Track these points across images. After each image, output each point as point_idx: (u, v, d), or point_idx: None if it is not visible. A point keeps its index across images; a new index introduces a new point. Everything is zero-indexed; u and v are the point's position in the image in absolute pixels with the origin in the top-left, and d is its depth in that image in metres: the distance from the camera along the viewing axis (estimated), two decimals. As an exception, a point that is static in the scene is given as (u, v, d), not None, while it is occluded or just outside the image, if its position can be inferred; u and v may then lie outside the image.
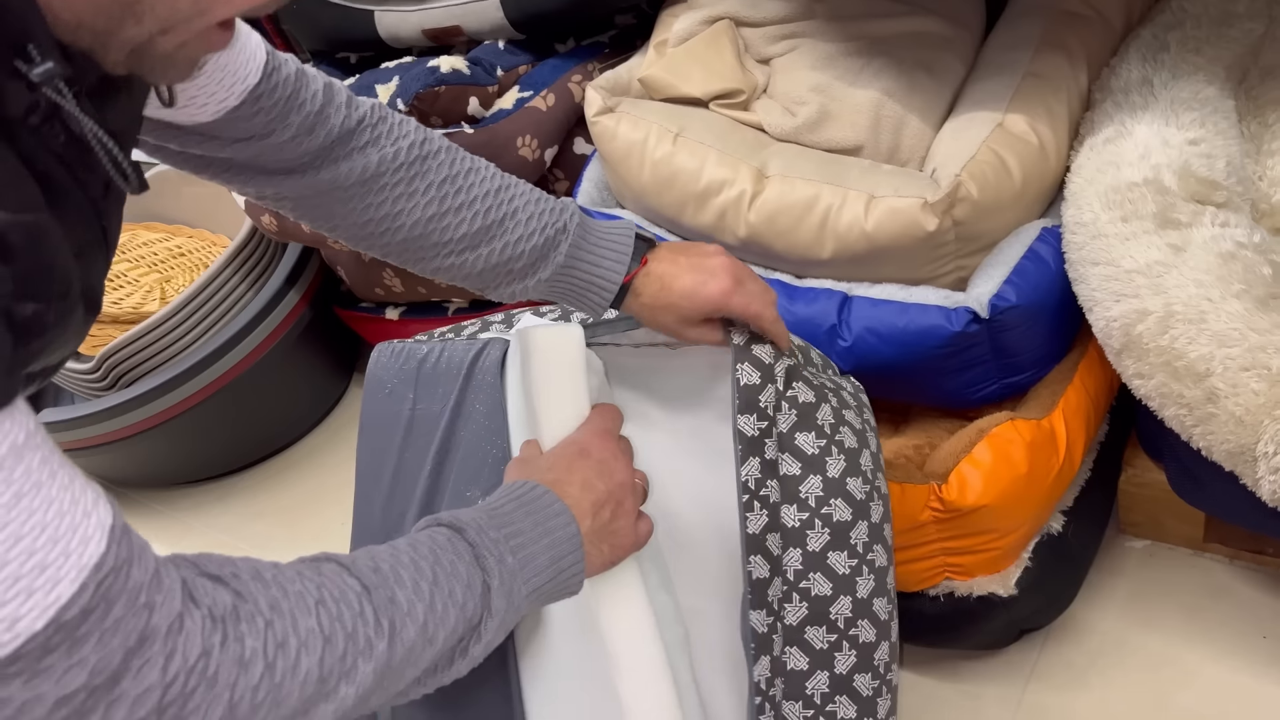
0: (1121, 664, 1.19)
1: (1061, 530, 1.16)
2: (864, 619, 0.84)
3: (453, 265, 0.82)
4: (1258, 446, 0.92)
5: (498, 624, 0.64)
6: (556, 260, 0.82)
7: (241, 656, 0.51)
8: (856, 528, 0.84)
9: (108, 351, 1.67)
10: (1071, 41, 1.18)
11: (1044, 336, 1.12)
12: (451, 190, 0.80)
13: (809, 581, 0.83)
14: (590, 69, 1.52)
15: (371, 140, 0.78)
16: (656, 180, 1.22)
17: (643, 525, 0.77)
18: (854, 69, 1.24)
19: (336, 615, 0.56)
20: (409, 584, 0.60)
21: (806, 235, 1.13)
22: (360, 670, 0.56)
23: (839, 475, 0.84)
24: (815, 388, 0.86)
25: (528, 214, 0.81)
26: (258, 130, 0.72)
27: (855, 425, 0.88)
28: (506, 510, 0.68)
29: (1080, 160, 1.11)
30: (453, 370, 0.95)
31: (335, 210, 0.79)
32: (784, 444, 0.83)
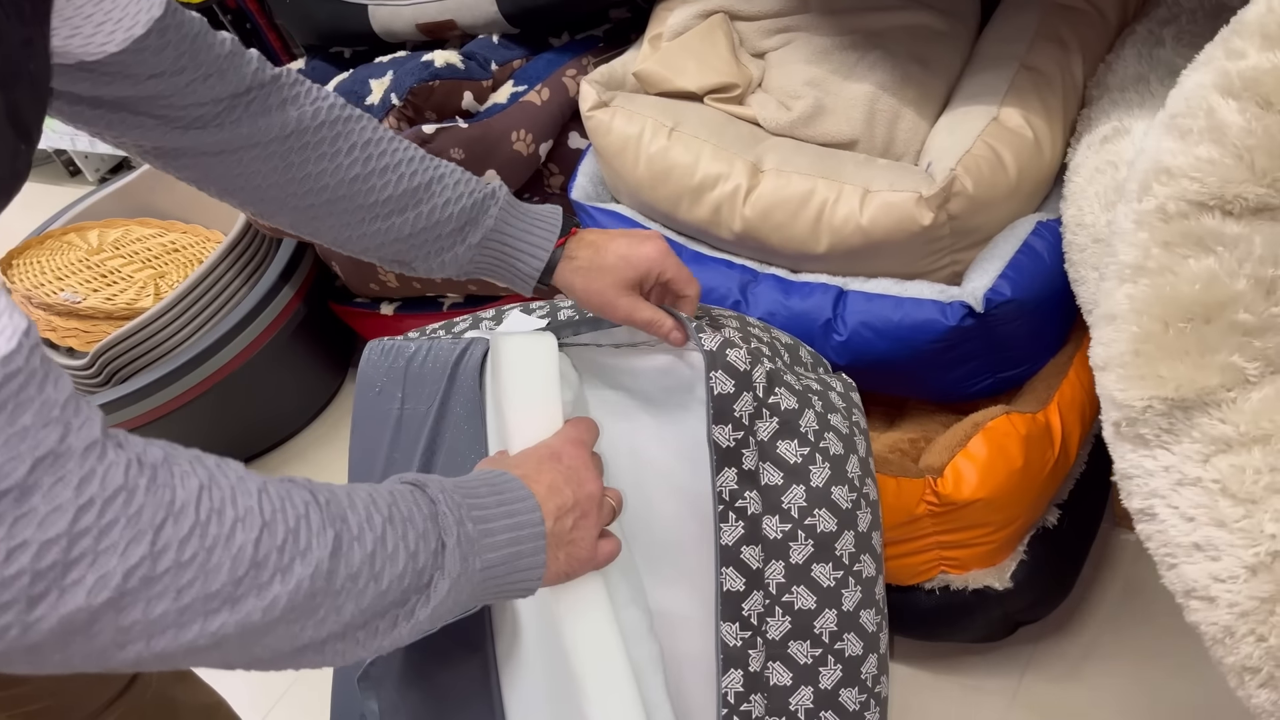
0: (1116, 656, 1.19)
1: (1057, 523, 1.16)
2: (850, 632, 0.82)
3: (379, 231, 0.80)
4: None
5: (448, 590, 0.60)
6: (486, 224, 0.81)
7: (171, 503, 0.48)
8: (842, 538, 0.81)
9: (102, 347, 1.67)
10: (1067, 35, 1.18)
11: (1039, 330, 1.12)
12: (375, 152, 0.79)
13: (792, 595, 0.80)
14: (585, 63, 1.52)
15: (290, 98, 0.78)
16: (651, 175, 1.22)
17: (605, 545, 0.73)
18: (849, 63, 1.24)
19: (279, 507, 0.53)
20: (362, 511, 0.57)
21: (802, 229, 1.13)
22: (296, 572, 0.52)
23: (823, 484, 0.81)
24: (799, 393, 0.83)
25: (454, 179, 0.81)
26: (167, 66, 0.72)
27: (842, 430, 0.84)
28: (471, 485, 0.66)
29: (1078, 159, 1.11)
30: (439, 370, 0.93)
31: (255, 170, 0.77)
32: (765, 453, 0.80)
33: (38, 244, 1.92)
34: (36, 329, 0.47)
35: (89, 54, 0.68)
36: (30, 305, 1.77)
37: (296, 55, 1.88)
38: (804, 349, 0.95)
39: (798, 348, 0.94)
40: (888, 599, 1.17)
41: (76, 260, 1.86)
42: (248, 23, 1.97)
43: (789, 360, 0.90)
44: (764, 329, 0.91)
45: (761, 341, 0.88)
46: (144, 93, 0.72)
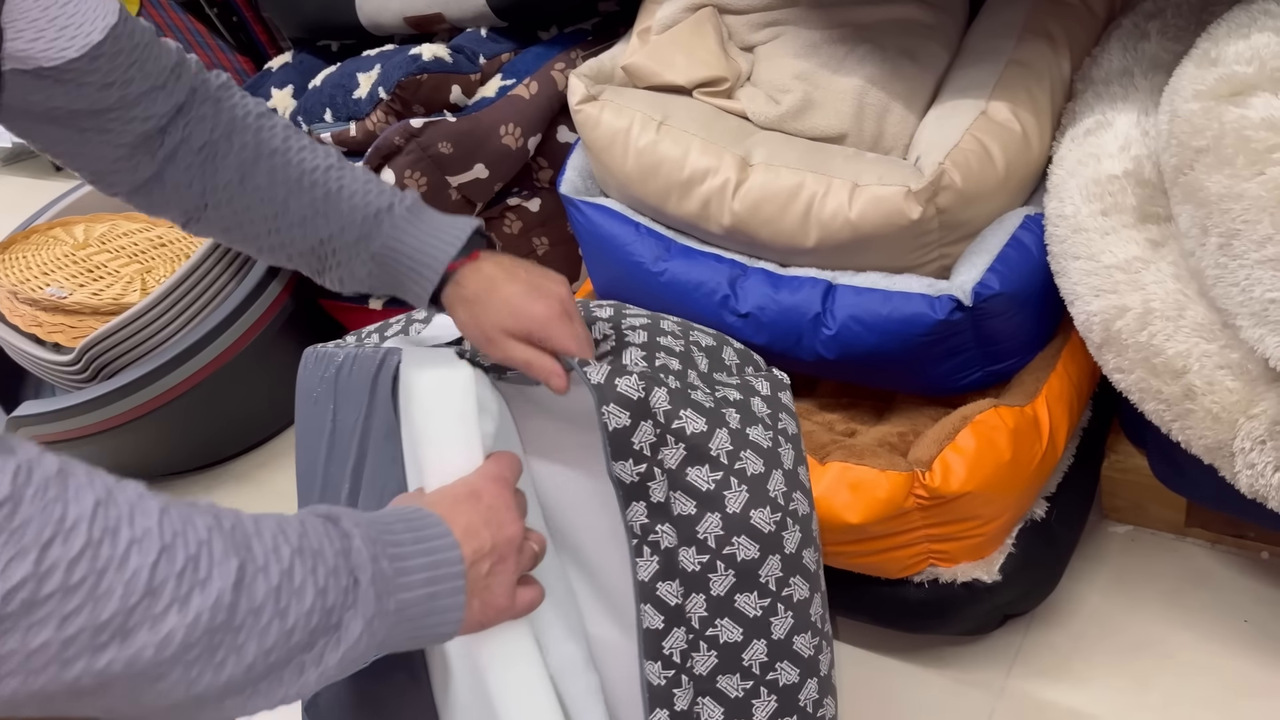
0: (1104, 648, 1.20)
1: (1045, 516, 1.17)
2: (783, 661, 0.77)
3: (280, 243, 0.79)
4: (1234, 443, 0.93)
5: (360, 631, 0.56)
6: (380, 238, 0.77)
7: (61, 519, 0.44)
8: (766, 564, 0.76)
9: (88, 343, 1.66)
10: (1054, 29, 1.18)
11: (1027, 324, 1.12)
12: (281, 162, 0.78)
13: (716, 628, 0.76)
14: (573, 56, 1.52)
15: (213, 99, 0.78)
16: (640, 169, 1.22)
17: (524, 594, 0.68)
18: (838, 56, 1.24)
19: (180, 530, 0.49)
20: (269, 541, 0.53)
21: (791, 224, 1.13)
22: (194, 604, 0.48)
23: (741, 509, 0.75)
24: (709, 411, 0.77)
25: (352, 191, 0.78)
26: (119, 75, 0.72)
27: (763, 444, 0.78)
28: (386, 520, 0.61)
29: (1062, 151, 1.11)
30: (362, 381, 0.87)
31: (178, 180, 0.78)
32: (675, 482, 0.75)
33: (23, 239, 1.91)
34: None
35: (49, 59, 0.69)
36: (16, 301, 1.76)
37: (284, 48, 1.87)
38: (729, 347, 0.88)
39: (720, 348, 0.87)
40: (876, 593, 1.18)
41: (62, 255, 1.85)
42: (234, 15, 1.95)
43: (707, 367, 0.84)
44: (682, 331, 0.86)
45: (671, 353, 0.82)
46: (94, 104, 0.73)
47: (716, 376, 0.83)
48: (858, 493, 1.06)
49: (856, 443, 1.14)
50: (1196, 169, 0.92)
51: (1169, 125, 0.98)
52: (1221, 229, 0.89)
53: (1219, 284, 0.91)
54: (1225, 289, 0.90)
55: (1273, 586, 1.20)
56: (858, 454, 1.09)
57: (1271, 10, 0.97)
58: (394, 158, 1.44)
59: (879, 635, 1.26)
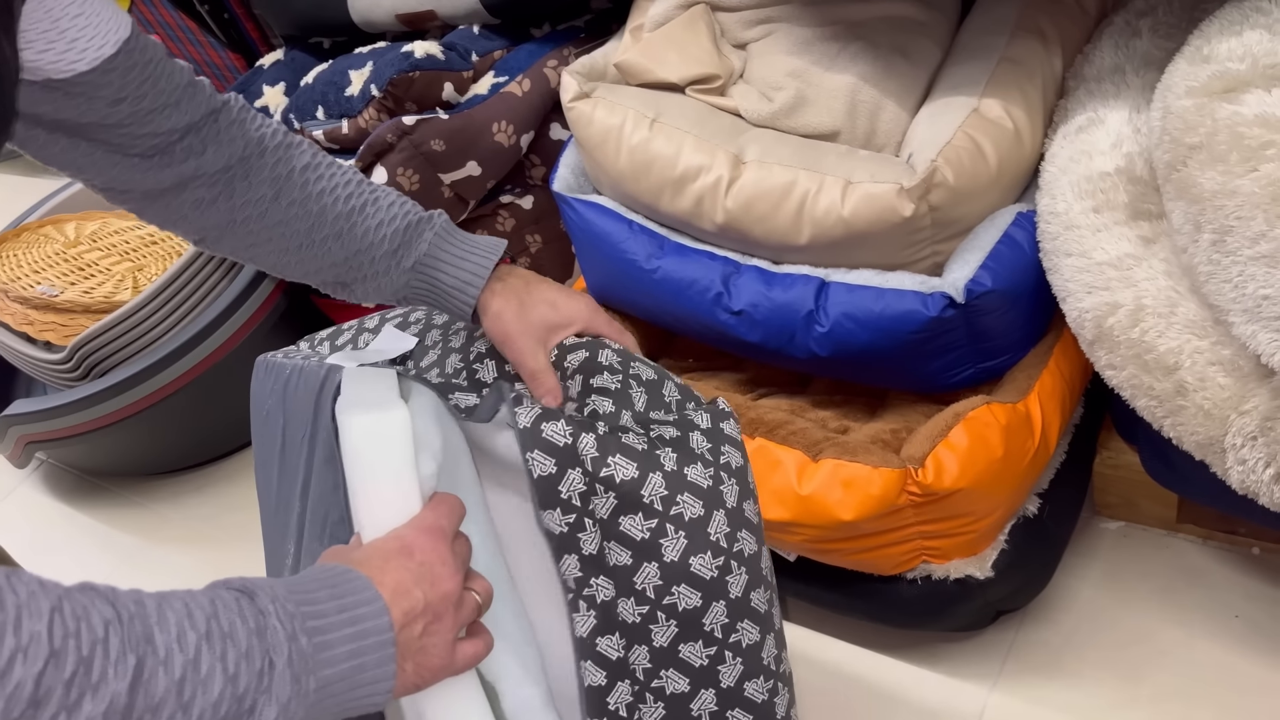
0: (1096, 644, 1.20)
1: (1037, 512, 1.17)
2: (735, 709, 0.75)
3: (317, 256, 0.81)
4: (1225, 439, 0.93)
5: (275, 716, 0.53)
6: (420, 248, 0.80)
7: None
8: (710, 611, 0.73)
9: (80, 341, 1.65)
10: (1046, 26, 1.18)
11: (1019, 321, 1.13)
12: (313, 176, 0.80)
13: (661, 679, 0.73)
14: (566, 54, 1.51)
15: (238, 121, 0.79)
16: (633, 166, 1.22)
17: (465, 648, 0.65)
18: (830, 54, 1.24)
19: (73, 631, 0.46)
20: (173, 629, 0.50)
21: (783, 221, 1.14)
22: (85, 710, 0.46)
23: (679, 557, 0.72)
24: (640, 455, 0.73)
25: (389, 201, 0.81)
26: (131, 90, 0.72)
27: (701, 485, 0.74)
28: (308, 587, 0.58)
29: (1054, 149, 1.12)
30: (308, 396, 0.83)
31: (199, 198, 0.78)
32: (607, 532, 0.72)
33: (14, 237, 1.90)
34: None
35: (59, 71, 0.68)
36: (7, 299, 1.75)
37: (275, 45, 1.87)
38: (669, 383, 0.83)
39: (661, 383, 0.82)
40: (869, 589, 1.18)
41: (53, 253, 1.84)
42: (225, 12, 1.95)
43: (644, 405, 0.80)
44: (621, 364, 0.81)
45: (606, 393, 0.79)
46: (105, 119, 0.73)
47: (653, 415, 0.79)
48: (850, 490, 1.06)
49: (849, 440, 1.14)
50: (1189, 166, 0.92)
51: (1162, 122, 0.98)
52: (1214, 225, 0.89)
53: (1211, 280, 0.91)
54: (1218, 285, 0.90)
55: (1264, 582, 1.21)
56: (850, 451, 1.09)
57: (1263, 7, 0.97)
58: (386, 155, 1.44)
59: (872, 632, 1.27)
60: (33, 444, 1.77)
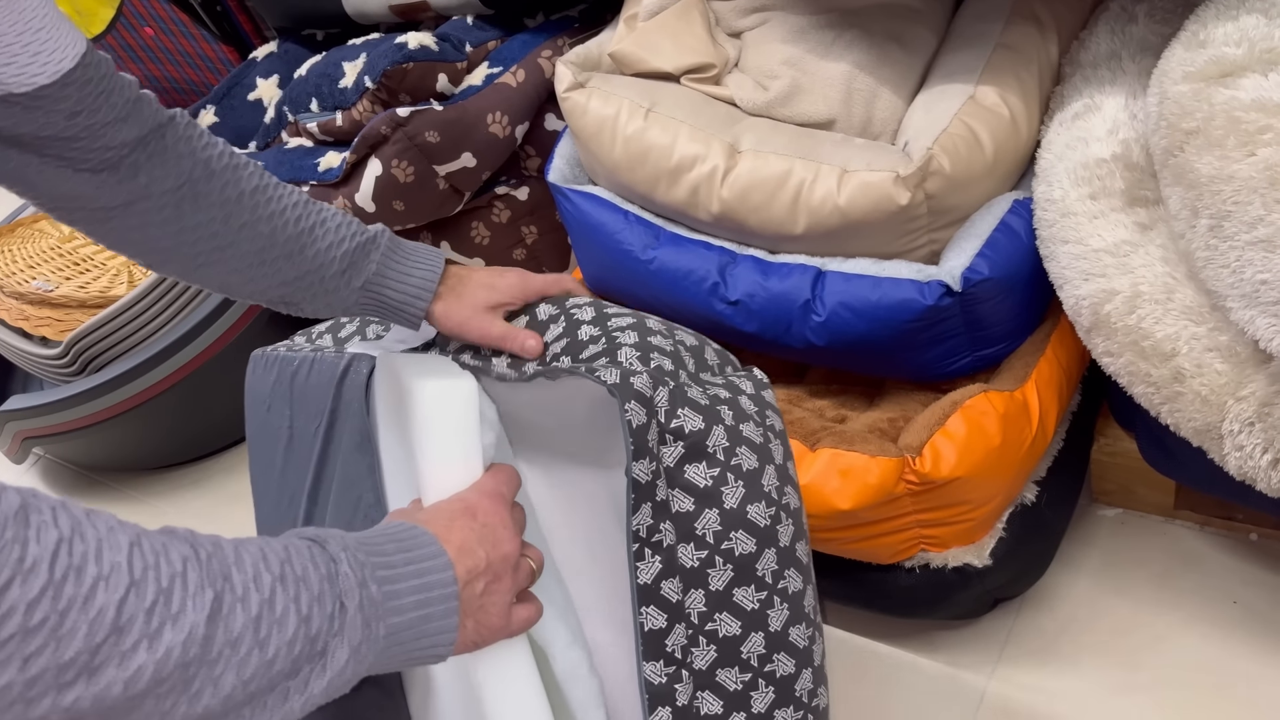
0: (1094, 631, 1.21)
1: (1035, 500, 1.17)
2: (780, 652, 0.78)
3: (266, 275, 0.82)
4: (1223, 425, 0.93)
5: (347, 659, 0.55)
6: (369, 269, 0.84)
7: (20, 560, 0.43)
8: (763, 558, 0.77)
9: (75, 336, 1.65)
10: (1042, 12, 1.18)
11: (1016, 309, 1.12)
12: (263, 199, 0.81)
13: (715, 623, 0.76)
14: (560, 44, 1.51)
15: (184, 139, 0.79)
16: (629, 156, 1.22)
17: (521, 612, 0.67)
18: (825, 42, 1.23)
19: (152, 564, 0.48)
20: (249, 569, 0.52)
21: (779, 210, 1.13)
22: (166, 639, 0.47)
23: (738, 504, 0.76)
24: (704, 408, 0.77)
25: (336, 222, 0.84)
26: (87, 104, 0.73)
27: (755, 440, 0.78)
28: (376, 541, 0.60)
29: (1050, 135, 1.11)
30: (323, 388, 0.86)
31: (149, 220, 0.79)
32: (673, 480, 0.76)
33: (8, 232, 1.90)
34: None
35: (20, 84, 0.69)
36: (3, 294, 1.75)
37: (268, 38, 1.86)
38: (709, 348, 0.88)
39: (703, 348, 0.88)
40: (867, 578, 1.18)
41: (48, 248, 1.84)
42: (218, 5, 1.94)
43: (694, 367, 0.85)
44: (666, 331, 0.86)
45: (663, 352, 0.83)
46: (61, 132, 0.73)
47: (703, 376, 0.84)
48: (848, 479, 1.06)
49: (846, 429, 1.14)
50: (1186, 151, 0.92)
51: (1158, 108, 0.98)
52: (1212, 211, 0.89)
53: (1209, 266, 0.91)
54: (1215, 271, 0.90)
55: (1261, 568, 1.21)
56: (848, 440, 1.09)
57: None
58: (381, 147, 1.44)
59: (870, 621, 1.27)
60: (30, 439, 1.76)
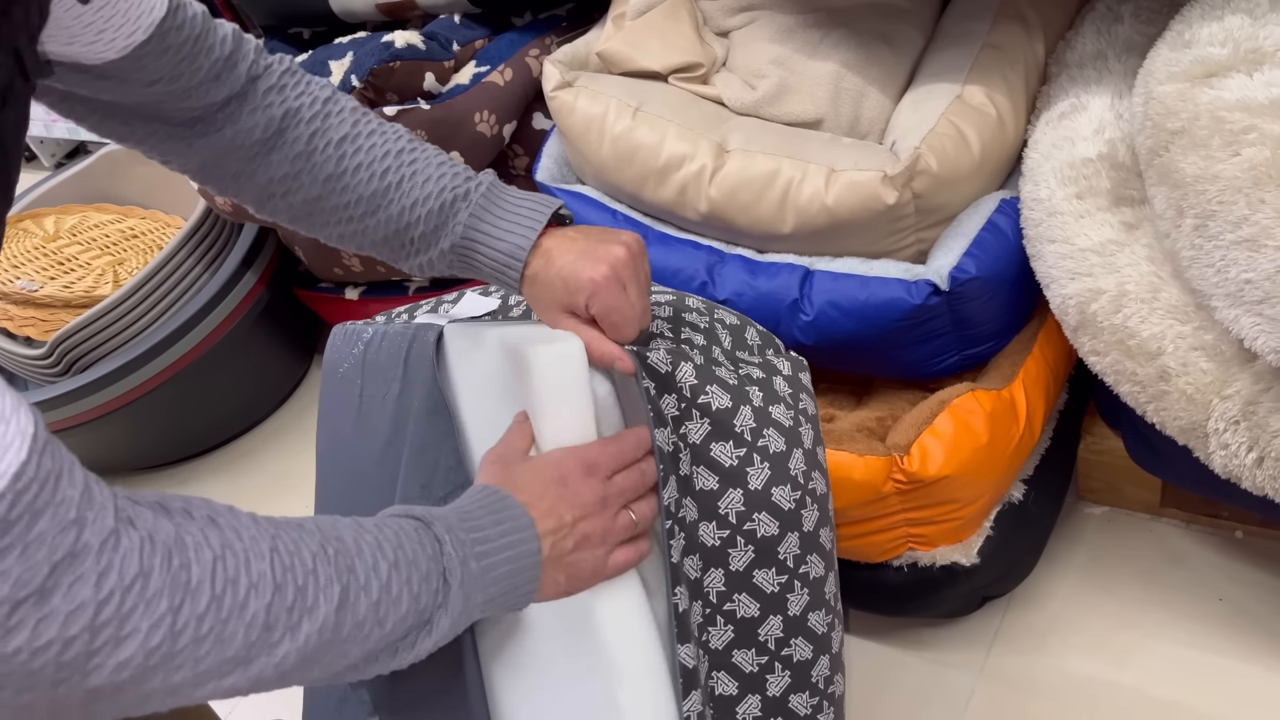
0: (1081, 628, 1.21)
1: (1022, 499, 1.17)
2: (798, 637, 0.78)
3: (354, 232, 0.78)
4: (1208, 424, 0.93)
5: (449, 624, 0.63)
6: (456, 230, 0.76)
7: (187, 583, 0.50)
8: (785, 541, 0.77)
9: (60, 336, 1.64)
10: (1028, 12, 1.18)
11: (1003, 308, 1.13)
12: (350, 150, 0.76)
13: (734, 603, 0.76)
14: (548, 43, 1.51)
15: (277, 87, 0.76)
16: (616, 155, 1.21)
17: (618, 556, 0.71)
18: (813, 41, 1.23)
19: (289, 565, 0.55)
20: (369, 558, 0.59)
21: (767, 209, 1.13)
22: (305, 630, 0.55)
23: (763, 486, 0.76)
24: (733, 388, 0.77)
25: (425, 177, 0.76)
26: (166, 72, 0.70)
27: (784, 423, 0.78)
28: (476, 515, 0.66)
29: (1037, 135, 1.12)
30: (393, 358, 0.88)
31: (239, 170, 0.77)
32: (698, 456, 0.75)
33: (-8, 231, 1.88)
34: (43, 430, 0.47)
35: (86, 59, 0.67)
36: (-14, 294, 1.73)
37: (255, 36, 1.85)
38: (751, 329, 0.88)
39: (744, 329, 0.88)
40: (856, 577, 1.18)
41: (33, 248, 1.82)
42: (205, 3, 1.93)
43: (730, 345, 0.85)
44: (706, 309, 0.87)
45: (696, 329, 0.83)
46: (139, 100, 0.71)
47: (739, 355, 0.84)
48: (836, 478, 1.06)
49: (835, 428, 1.14)
50: (1171, 151, 0.92)
51: (1143, 108, 0.98)
52: (1197, 210, 0.89)
53: (1194, 265, 0.91)
54: (1200, 270, 0.90)
55: (1247, 565, 1.22)
56: (836, 439, 1.09)
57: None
58: (368, 146, 1.43)
59: (859, 619, 1.27)
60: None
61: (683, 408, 0.75)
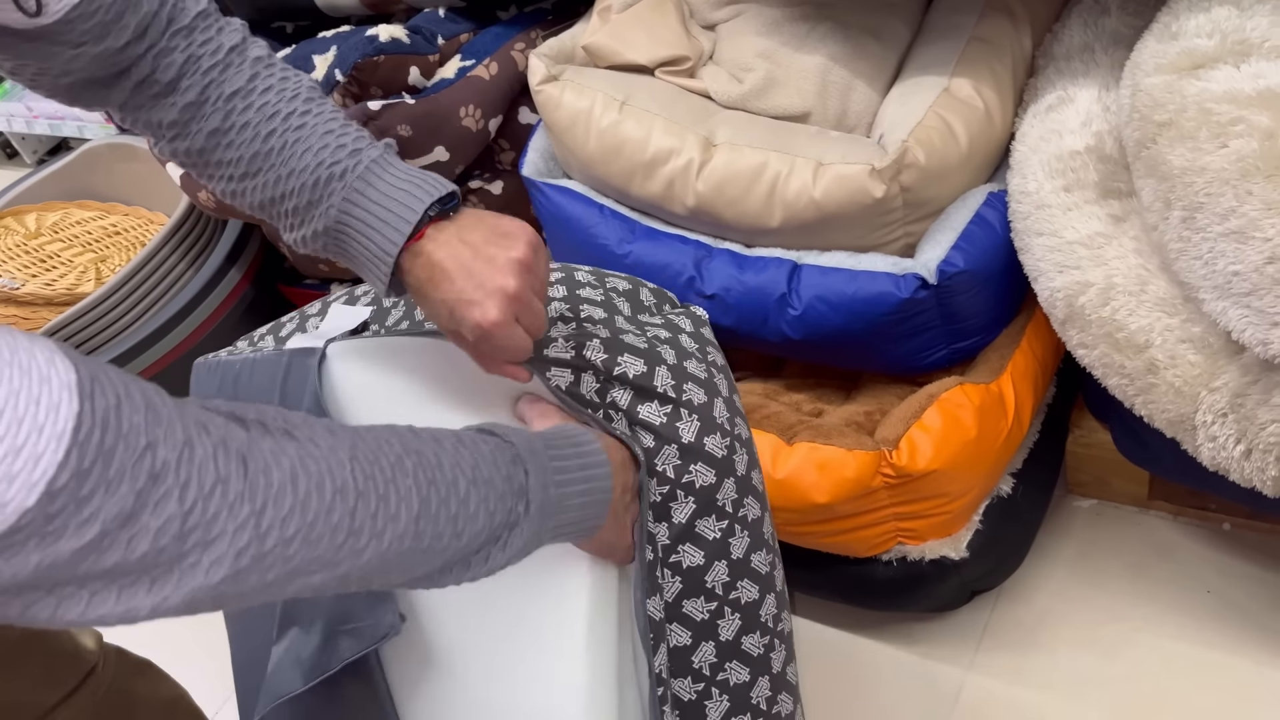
0: (1070, 621, 1.21)
1: (1011, 492, 1.17)
2: (744, 579, 0.80)
3: (234, 191, 0.75)
4: (1196, 416, 0.93)
5: (523, 543, 0.65)
6: (329, 212, 0.70)
7: (269, 485, 0.51)
8: (722, 488, 0.78)
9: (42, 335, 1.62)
10: (1015, 5, 1.18)
11: (992, 301, 1.12)
12: (240, 105, 0.72)
13: (679, 554, 0.78)
14: (533, 36, 1.50)
15: (185, 29, 0.73)
16: (603, 149, 1.21)
17: None
18: (800, 34, 1.23)
19: (370, 474, 0.56)
20: (449, 474, 0.61)
21: (755, 203, 1.13)
22: (388, 536, 0.56)
23: (695, 437, 0.77)
24: (644, 352, 0.78)
25: (307, 146, 0.70)
26: (93, 34, 0.68)
27: (700, 376, 0.80)
28: (559, 445, 0.69)
29: (1024, 128, 1.11)
30: (265, 388, 0.84)
31: (139, 105, 0.75)
32: (631, 417, 0.77)
33: (-28, 229, 1.87)
34: (85, 368, 0.46)
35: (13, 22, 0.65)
36: (-34, 292, 1.72)
37: (238, 31, 1.83)
38: (644, 289, 0.89)
39: (636, 290, 0.88)
40: (845, 571, 1.18)
41: (14, 245, 1.81)
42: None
43: (630, 310, 0.86)
44: (598, 279, 0.87)
45: (594, 303, 0.83)
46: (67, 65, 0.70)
47: (640, 318, 0.86)
48: (825, 472, 1.05)
49: (823, 423, 1.14)
50: (1159, 143, 0.92)
51: (1131, 100, 0.98)
52: (1184, 203, 0.89)
53: (1182, 258, 0.91)
54: (1188, 263, 0.90)
55: (1234, 557, 1.22)
56: (825, 434, 1.09)
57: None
58: (352, 141, 1.42)
59: (848, 614, 1.27)
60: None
61: (601, 381, 0.78)
